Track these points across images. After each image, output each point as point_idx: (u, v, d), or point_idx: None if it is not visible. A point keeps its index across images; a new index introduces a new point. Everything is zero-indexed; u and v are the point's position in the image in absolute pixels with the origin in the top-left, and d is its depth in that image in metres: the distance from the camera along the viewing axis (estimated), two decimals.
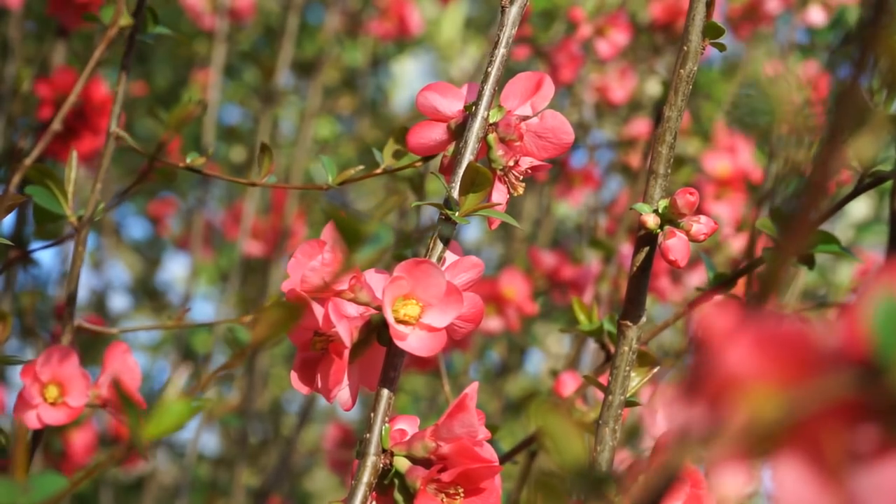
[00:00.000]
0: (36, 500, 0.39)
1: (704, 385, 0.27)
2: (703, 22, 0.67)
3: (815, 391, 0.26)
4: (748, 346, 0.27)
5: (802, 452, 0.26)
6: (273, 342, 0.40)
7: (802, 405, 0.26)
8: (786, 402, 0.26)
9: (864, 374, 0.26)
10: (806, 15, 1.79)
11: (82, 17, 0.88)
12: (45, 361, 0.75)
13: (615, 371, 0.67)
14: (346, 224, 0.44)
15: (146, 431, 0.37)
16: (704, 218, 0.66)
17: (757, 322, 0.27)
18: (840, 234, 0.91)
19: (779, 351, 0.27)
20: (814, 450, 0.26)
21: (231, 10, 1.89)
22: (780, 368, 0.27)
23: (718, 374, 0.27)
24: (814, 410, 0.26)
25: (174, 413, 0.38)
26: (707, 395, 0.27)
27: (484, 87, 0.67)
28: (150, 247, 3.00)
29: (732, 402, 0.27)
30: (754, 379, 0.27)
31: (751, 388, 0.27)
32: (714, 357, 0.27)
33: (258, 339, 0.39)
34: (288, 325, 0.40)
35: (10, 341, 1.67)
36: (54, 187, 0.77)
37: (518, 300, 1.62)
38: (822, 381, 0.26)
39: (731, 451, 0.26)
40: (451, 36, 3.01)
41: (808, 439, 0.26)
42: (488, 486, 0.62)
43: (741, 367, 0.27)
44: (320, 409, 2.38)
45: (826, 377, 0.26)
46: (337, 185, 0.75)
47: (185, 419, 0.38)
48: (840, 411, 0.26)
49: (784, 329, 0.27)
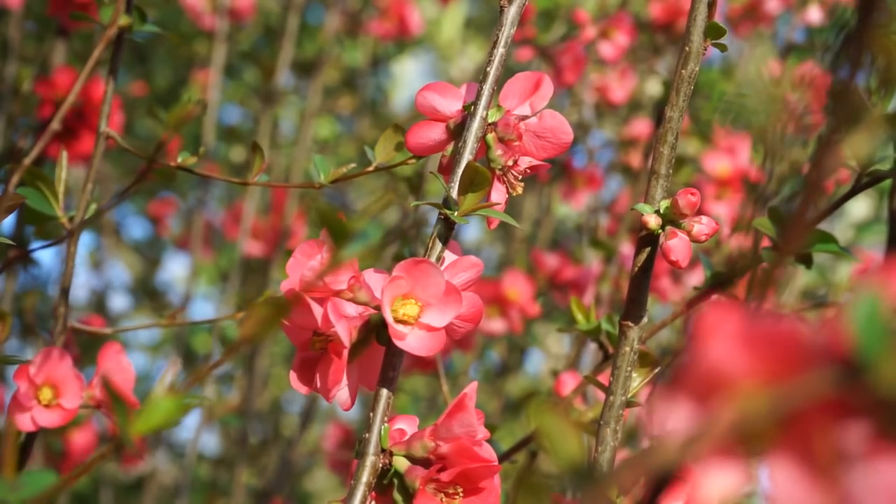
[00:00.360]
0: (26, 496, 0.38)
1: (691, 382, 0.27)
2: (704, 22, 0.67)
3: (799, 388, 0.26)
4: (734, 343, 0.27)
5: (792, 450, 0.26)
6: (262, 339, 0.40)
7: (787, 402, 0.26)
8: (771, 399, 0.26)
9: (846, 372, 0.26)
10: (805, 15, 1.79)
11: (72, 16, 0.88)
12: (40, 363, 0.75)
13: (616, 371, 0.67)
14: (333, 220, 0.44)
15: (134, 427, 0.37)
16: (706, 218, 0.66)
17: (744, 319, 0.27)
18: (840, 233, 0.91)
19: (765, 348, 0.27)
20: (804, 447, 0.26)
21: (231, 10, 1.89)
22: (766, 365, 0.27)
23: (704, 371, 0.27)
24: (799, 408, 0.26)
25: (163, 409, 0.38)
26: (694, 393, 0.27)
27: (483, 86, 0.67)
28: (150, 247, 3.00)
29: (719, 399, 0.27)
30: (741, 376, 0.27)
31: (737, 385, 0.27)
32: (700, 354, 0.27)
33: (246, 336, 0.39)
34: (277, 321, 0.40)
35: (10, 341, 1.67)
36: (45, 188, 0.77)
37: (521, 302, 1.62)
38: (806, 379, 0.26)
39: (717, 447, 0.26)
40: (451, 36, 3.01)
41: (798, 437, 0.26)
42: (487, 486, 0.62)
43: (727, 364, 0.27)
44: (321, 409, 2.38)
45: (810, 375, 0.26)
46: (329, 184, 0.74)
47: (175, 415, 0.38)
48: (827, 409, 0.26)
49: (770, 326, 0.27)
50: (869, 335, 0.26)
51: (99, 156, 0.80)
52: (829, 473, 0.26)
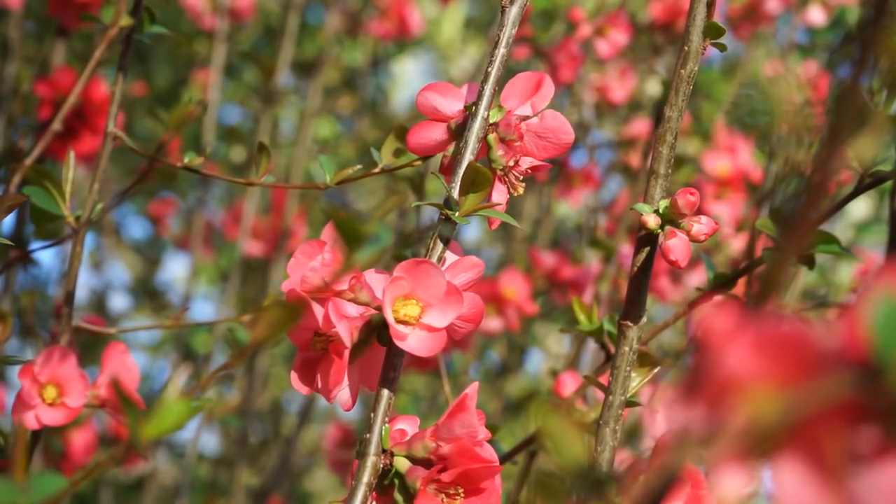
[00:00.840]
0: (36, 499, 0.38)
1: (704, 386, 0.27)
2: (703, 22, 0.67)
3: (814, 392, 0.26)
4: (748, 347, 0.27)
5: (802, 453, 0.26)
6: (272, 342, 0.40)
7: (802, 406, 0.26)
8: (785, 403, 0.26)
9: (864, 375, 0.26)
10: (806, 15, 1.79)
11: (80, 17, 0.88)
12: (44, 362, 0.75)
13: (616, 371, 0.67)
14: (346, 224, 0.44)
15: (146, 431, 0.37)
16: (705, 218, 0.66)
17: (756, 323, 0.27)
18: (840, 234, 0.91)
19: (778, 352, 0.27)
20: (814, 451, 0.26)
21: (231, 10, 1.89)
22: (780, 369, 0.27)
23: (718, 375, 0.27)
24: (813, 411, 0.26)
25: (174, 413, 0.38)
26: (706, 396, 0.27)
27: (484, 86, 0.67)
28: (150, 247, 3.00)
29: (732, 403, 0.27)
30: (754, 380, 0.27)
31: (750, 389, 0.27)
32: (713, 358, 0.27)
33: (257, 339, 0.39)
34: (287, 325, 0.40)
35: (10, 341, 1.67)
36: (52, 188, 0.77)
37: (518, 300, 1.62)
38: (822, 383, 0.26)
39: (730, 451, 0.26)
40: (451, 36, 3.01)
41: (808, 440, 0.26)
42: (488, 486, 0.62)
43: (741, 369, 0.27)
44: (320, 409, 2.38)
45: (825, 378, 0.26)
46: (335, 185, 0.74)
47: (185, 419, 0.38)
48: (840, 412, 0.26)
49: (783, 330, 0.27)
50: (887, 337, 0.26)
51: (106, 156, 0.80)
52: (838, 476, 0.26)
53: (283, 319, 0.39)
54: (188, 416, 0.38)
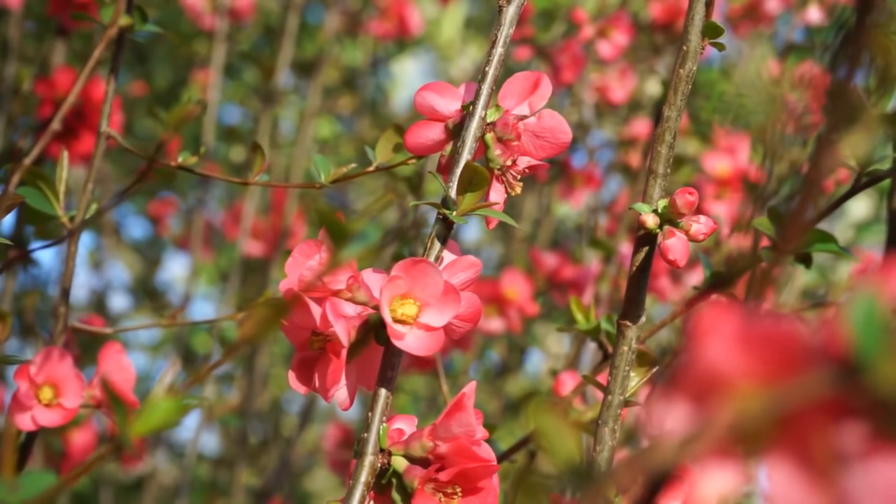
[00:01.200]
0: (26, 497, 0.38)
1: (689, 382, 0.27)
2: (702, 22, 0.67)
3: (796, 389, 0.26)
4: (730, 342, 0.27)
5: (790, 450, 0.26)
6: (262, 339, 0.40)
7: (785, 403, 0.26)
8: (769, 399, 0.26)
9: (844, 372, 0.26)
10: (805, 14, 1.79)
11: (73, 16, 0.88)
12: (40, 363, 0.75)
13: (614, 371, 0.67)
14: (333, 221, 0.44)
15: (134, 428, 0.37)
16: (704, 218, 0.66)
17: (742, 319, 0.27)
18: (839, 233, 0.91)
19: (762, 348, 0.27)
20: (801, 448, 0.26)
21: (231, 10, 1.89)
22: (763, 366, 0.27)
23: (701, 371, 0.27)
24: (797, 408, 0.26)
25: (162, 410, 0.38)
26: (690, 392, 0.27)
27: (481, 86, 0.67)
28: (150, 247, 3.00)
29: (716, 400, 0.27)
30: (738, 376, 0.27)
31: (734, 385, 0.27)
32: (698, 354, 0.27)
33: (246, 336, 0.39)
34: (276, 322, 0.40)
35: (10, 341, 1.67)
36: (46, 188, 0.77)
37: (519, 301, 1.62)
38: (804, 379, 0.26)
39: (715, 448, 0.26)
40: (451, 36, 3.01)
41: (796, 437, 0.26)
42: (486, 486, 0.62)
43: (722, 364, 0.27)
44: (320, 409, 2.38)
45: (807, 375, 0.26)
46: (330, 184, 0.74)
47: (175, 416, 0.38)
48: (825, 409, 0.26)
49: (767, 326, 0.27)
50: (867, 335, 0.26)
51: (100, 156, 0.80)
52: (826, 473, 0.26)
53: (271, 317, 0.39)
54: (178, 414, 0.38)
